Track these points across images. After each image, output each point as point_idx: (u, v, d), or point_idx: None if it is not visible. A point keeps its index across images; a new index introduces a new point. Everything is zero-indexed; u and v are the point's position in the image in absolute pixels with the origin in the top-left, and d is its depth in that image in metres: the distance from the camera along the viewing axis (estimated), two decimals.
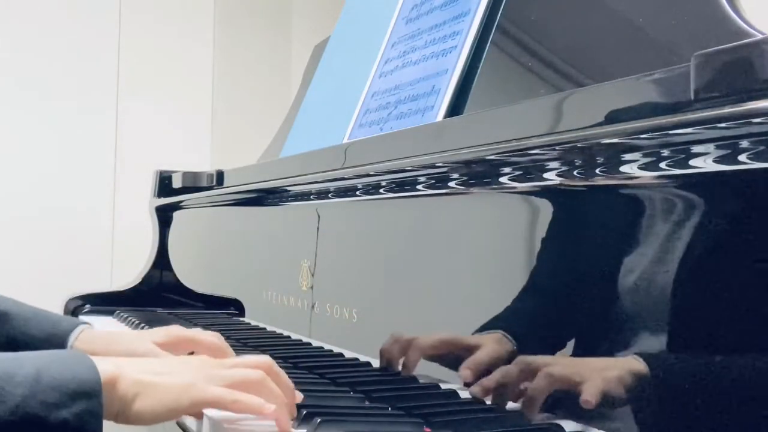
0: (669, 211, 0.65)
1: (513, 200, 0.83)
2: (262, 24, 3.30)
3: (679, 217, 0.64)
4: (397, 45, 1.29)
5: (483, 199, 0.88)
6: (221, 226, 1.71)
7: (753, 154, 0.56)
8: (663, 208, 0.65)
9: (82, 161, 2.99)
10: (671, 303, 0.64)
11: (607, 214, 0.71)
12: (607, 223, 0.71)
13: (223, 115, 3.20)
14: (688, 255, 0.63)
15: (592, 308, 0.72)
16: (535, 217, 0.80)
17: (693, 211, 0.63)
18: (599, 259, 0.71)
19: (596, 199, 0.72)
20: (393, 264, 1.05)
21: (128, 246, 2.85)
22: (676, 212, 0.64)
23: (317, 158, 1.24)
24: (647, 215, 0.67)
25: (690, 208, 0.63)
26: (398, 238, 1.04)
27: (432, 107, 1.09)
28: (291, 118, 1.74)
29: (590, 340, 0.72)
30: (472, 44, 1.08)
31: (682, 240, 0.63)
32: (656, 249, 0.66)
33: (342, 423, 0.77)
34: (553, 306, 0.77)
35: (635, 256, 0.67)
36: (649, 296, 0.66)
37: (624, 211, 0.69)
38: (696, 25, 0.83)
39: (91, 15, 3.04)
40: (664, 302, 0.64)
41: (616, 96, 0.68)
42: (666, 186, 0.65)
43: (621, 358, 0.67)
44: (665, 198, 0.65)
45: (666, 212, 0.65)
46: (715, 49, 0.58)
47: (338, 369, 1.03)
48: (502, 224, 0.84)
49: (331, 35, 1.66)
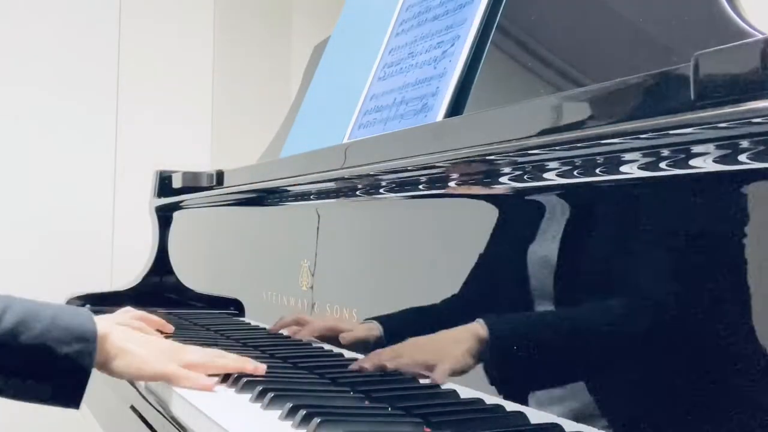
0: (669, 211, 0.65)
1: (513, 200, 0.83)
2: (262, 24, 3.29)
3: (679, 218, 0.64)
4: (396, 47, 1.28)
5: (483, 199, 0.88)
6: (221, 226, 1.71)
7: (753, 154, 0.56)
8: (662, 208, 0.65)
9: (82, 161, 2.98)
10: (671, 303, 0.64)
11: (606, 214, 0.71)
12: (607, 222, 0.71)
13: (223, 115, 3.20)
14: (687, 255, 0.63)
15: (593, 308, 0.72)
16: (534, 217, 0.80)
17: (693, 211, 0.63)
18: (599, 259, 0.71)
19: (596, 199, 0.72)
20: (393, 264, 1.05)
21: (128, 246, 2.85)
22: (676, 212, 0.64)
23: (317, 158, 1.24)
24: (647, 215, 0.67)
25: (690, 208, 0.63)
26: (398, 238, 1.04)
27: (432, 107, 1.09)
28: (291, 118, 1.74)
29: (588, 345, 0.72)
30: (471, 44, 1.08)
31: (682, 240, 0.63)
32: (656, 249, 0.66)
33: (342, 423, 0.77)
34: (553, 306, 0.77)
35: (635, 256, 0.67)
36: (649, 296, 0.66)
37: (624, 211, 0.69)
38: (696, 25, 0.83)
39: (91, 15, 3.04)
40: (664, 302, 0.64)
41: (616, 96, 0.68)
42: (666, 186, 0.65)
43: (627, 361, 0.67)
44: (665, 198, 0.65)
45: (666, 212, 0.65)
46: (715, 49, 0.58)
47: (338, 369, 1.03)
48: (502, 224, 0.84)
49: (331, 35, 1.66)
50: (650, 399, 0.65)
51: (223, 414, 0.85)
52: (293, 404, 0.82)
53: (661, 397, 0.64)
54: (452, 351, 0.87)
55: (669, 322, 0.64)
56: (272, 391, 0.88)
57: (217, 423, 0.82)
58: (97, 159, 3.02)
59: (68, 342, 0.93)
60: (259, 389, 0.91)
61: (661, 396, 0.64)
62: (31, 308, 0.95)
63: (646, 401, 0.65)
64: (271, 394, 0.88)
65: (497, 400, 0.81)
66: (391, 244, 1.06)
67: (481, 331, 0.82)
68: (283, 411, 0.82)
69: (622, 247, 0.69)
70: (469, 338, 0.84)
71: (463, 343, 0.85)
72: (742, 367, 0.58)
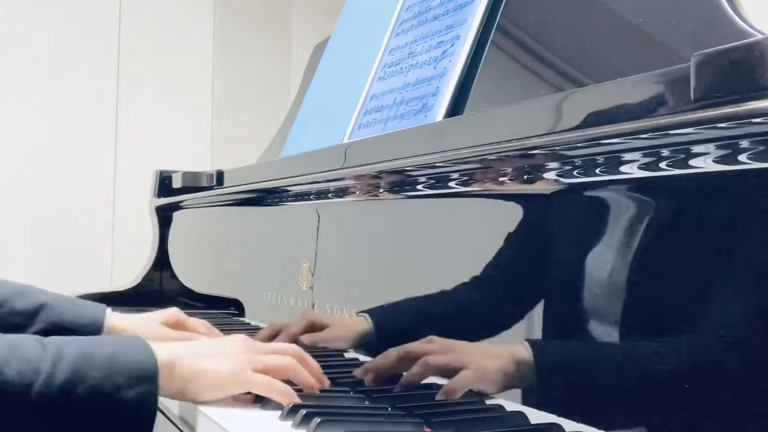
0: (669, 211, 0.65)
1: (513, 200, 0.83)
2: (262, 24, 3.30)
3: (679, 217, 0.64)
4: (396, 47, 1.28)
5: (483, 199, 0.88)
6: (221, 226, 1.71)
7: (753, 154, 0.56)
8: (662, 208, 0.65)
9: (82, 161, 2.99)
10: (671, 303, 0.64)
11: (606, 214, 0.71)
12: (607, 222, 0.71)
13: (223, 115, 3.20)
14: (687, 255, 0.63)
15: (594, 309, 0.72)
16: (534, 217, 0.80)
17: (692, 211, 0.63)
18: (600, 259, 0.71)
19: (596, 199, 0.72)
20: (393, 264, 1.05)
21: (128, 246, 2.85)
22: (676, 212, 0.64)
23: (317, 158, 1.24)
24: (647, 215, 0.67)
25: (689, 208, 0.63)
26: (398, 238, 1.04)
27: (432, 107, 1.09)
28: (291, 118, 1.74)
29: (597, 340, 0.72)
30: (471, 44, 1.08)
31: (681, 240, 0.63)
32: (656, 248, 0.66)
33: (342, 423, 0.77)
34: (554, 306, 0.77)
35: (635, 255, 0.67)
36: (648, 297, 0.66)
37: (624, 210, 0.69)
38: (696, 25, 0.83)
39: (91, 15, 3.04)
40: (663, 303, 0.64)
41: (616, 96, 0.68)
42: (666, 186, 0.65)
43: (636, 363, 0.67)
44: (665, 198, 0.65)
45: (666, 212, 0.65)
46: (715, 49, 0.58)
47: (338, 369, 1.03)
48: (502, 224, 0.84)
49: (331, 35, 1.66)
50: (650, 399, 0.65)
51: (221, 412, 0.85)
52: (293, 404, 0.82)
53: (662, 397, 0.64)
54: (486, 363, 0.84)
55: (669, 322, 0.64)
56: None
57: (213, 420, 0.82)
58: (97, 159, 3.02)
59: (130, 386, 0.84)
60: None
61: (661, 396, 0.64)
62: (83, 353, 0.84)
63: (648, 401, 0.65)
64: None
65: (497, 400, 0.81)
66: (391, 244, 1.06)
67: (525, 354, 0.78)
68: (284, 411, 0.82)
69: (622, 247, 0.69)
70: (509, 359, 0.81)
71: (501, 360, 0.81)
72: (743, 368, 0.58)
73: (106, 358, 0.84)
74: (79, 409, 0.83)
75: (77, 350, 0.85)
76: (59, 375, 0.82)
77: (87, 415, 0.83)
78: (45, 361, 0.83)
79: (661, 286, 0.65)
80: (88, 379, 0.83)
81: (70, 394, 0.82)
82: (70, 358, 0.84)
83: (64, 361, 0.83)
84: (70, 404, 0.82)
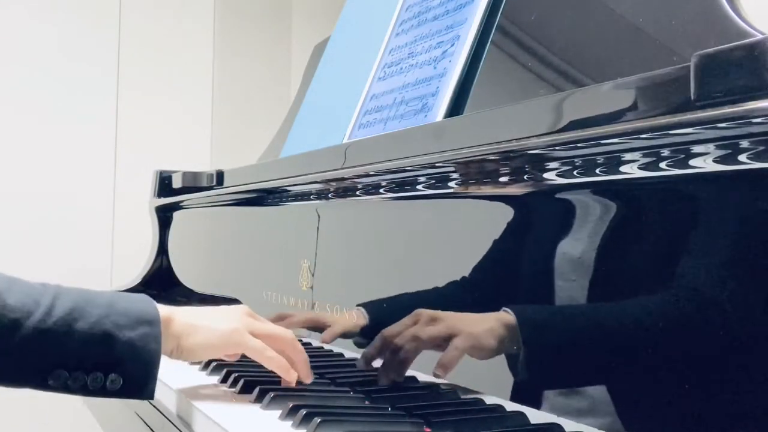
0: (669, 211, 0.65)
1: (513, 200, 0.83)
2: (262, 24, 3.29)
3: (679, 217, 0.64)
4: (396, 47, 1.28)
5: (483, 199, 0.88)
6: (221, 226, 1.71)
7: (753, 154, 0.57)
8: (663, 207, 0.65)
9: (82, 161, 2.98)
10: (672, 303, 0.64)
11: (606, 213, 0.71)
12: (607, 222, 0.71)
13: (223, 115, 3.20)
14: (687, 255, 0.63)
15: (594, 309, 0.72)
16: (534, 217, 0.80)
17: (692, 211, 0.63)
18: (600, 259, 0.71)
19: (596, 199, 0.72)
20: (393, 264, 1.05)
21: (128, 246, 2.85)
22: (676, 212, 0.64)
23: (317, 158, 1.24)
24: (647, 215, 0.67)
25: (689, 208, 0.63)
26: (398, 238, 1.04)
27: (432, 107, 1.09)
28: (291, 118, 1.74)
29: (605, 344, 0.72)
30: (471, 44, 1.08)
31: (681, 240, 0.63)
32: (655, 249, 0.66)
33: (342, 423, 0.77)
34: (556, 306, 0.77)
35: (634, 256, 0.67)
36: (648, 296, 0.66)
37: (623, 210, 0.69)
38: (696, 25, 0.83)
39: (91, 15, 3.04)
40: (663, 302, 0.64)
41: (616, 96, 0.68)
42: (666, 186, 0.65)
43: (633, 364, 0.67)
44: (665, 198, 0.65)
45: (666, 212, 0.65)
46: (715, 49, 0.58)
47: (338, 369, 1.03)
48: (502, 224, 0.84)
49: (331, 35, 1.66)
50: (651, 399, 0.65)
51: (222, 412, 0.85)
52: (293, 404, 0.82)
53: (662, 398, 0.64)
54: (473, 328, 0.84)
55: (669, 322, 0.64)
56: (272, 391, 0.88)
57: (214, 420, 0.82)
58: (97, 159, 3.02)
59: (130, 326, 0.84)
60: (259, 389, 0.91)
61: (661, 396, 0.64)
62: (83, 294, 0.85)
63: (649, 401, 0.65)
64: (271, 394, 0.88)
65: (497, 400, 0.81)
66: (391, 244, 1.06)
67: (509, 319, 0.79)
68: (284, 411, 0.82)
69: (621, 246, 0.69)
70: (495, 322, 0.82)
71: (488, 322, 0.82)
72: (743, 368, 0.58)
73: (107, 300, 0.85)
74: (79, 343, 0.82)
75: (79, 291, 0.86)
76: (59, 307, 0.83)
77: (86, 350, 0.82)
78: (46, 296, 0.84)
79: (661, 287, 0.65)
80: (87, 315, 0.83)
81: (70, 326, 0.82)
82: (71, 295, 0.84)
83: (64, 296, 0.84)
84: (70, 336, 0.82)
